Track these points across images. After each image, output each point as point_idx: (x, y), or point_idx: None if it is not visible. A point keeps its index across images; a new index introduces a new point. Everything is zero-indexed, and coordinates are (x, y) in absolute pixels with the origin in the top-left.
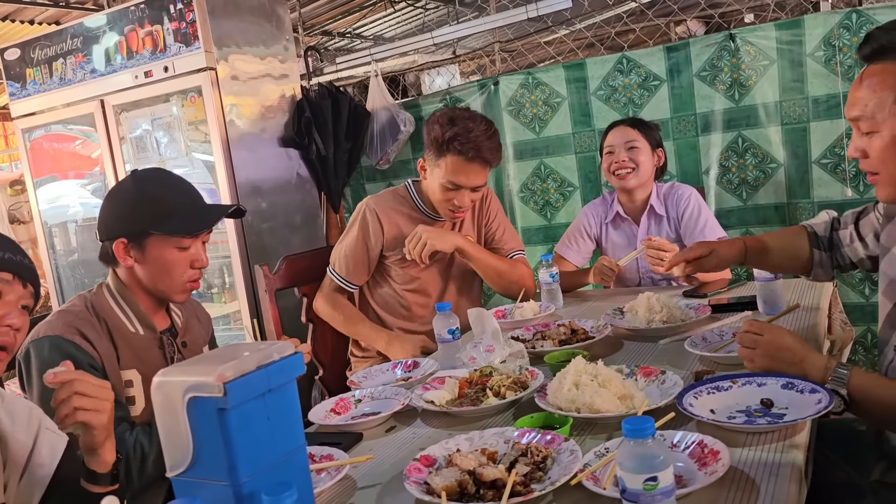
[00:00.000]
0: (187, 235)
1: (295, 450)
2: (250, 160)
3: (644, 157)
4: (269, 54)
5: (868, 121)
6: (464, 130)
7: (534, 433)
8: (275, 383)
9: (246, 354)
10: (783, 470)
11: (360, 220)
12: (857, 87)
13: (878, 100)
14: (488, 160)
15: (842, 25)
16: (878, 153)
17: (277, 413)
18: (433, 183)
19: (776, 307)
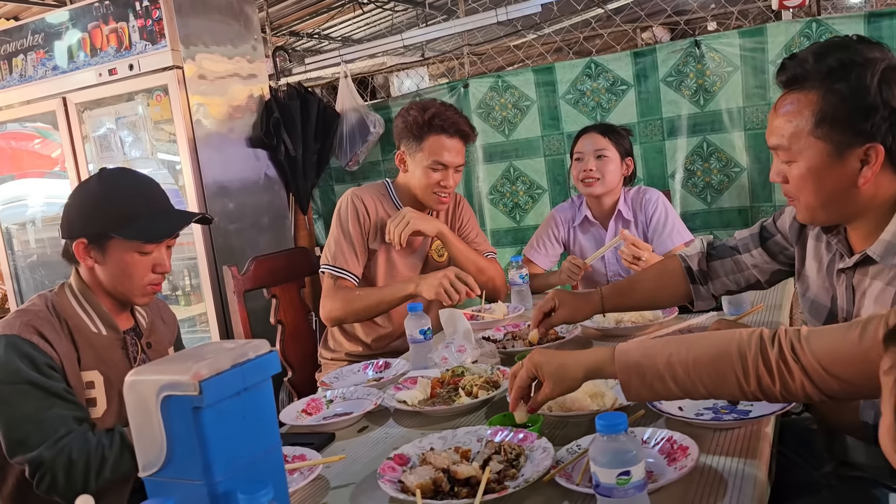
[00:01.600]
0: (148, 242)
1: (270, 448)
2: (217, 160)
3: (612, 167)
4: (237, 54)
5: (785, 151)
6: (440, 111)
7: (506, 431)
8: (250, 382)
9: (221, 353)
10: (749, 464)
11: (350, 207)
12: (773, 115)
13: (794, 129)
14: (467, 133)
15: (802, 34)
16: (795, 181)
17: (252, 411)
18: (416, 171)
19: (741, 307)
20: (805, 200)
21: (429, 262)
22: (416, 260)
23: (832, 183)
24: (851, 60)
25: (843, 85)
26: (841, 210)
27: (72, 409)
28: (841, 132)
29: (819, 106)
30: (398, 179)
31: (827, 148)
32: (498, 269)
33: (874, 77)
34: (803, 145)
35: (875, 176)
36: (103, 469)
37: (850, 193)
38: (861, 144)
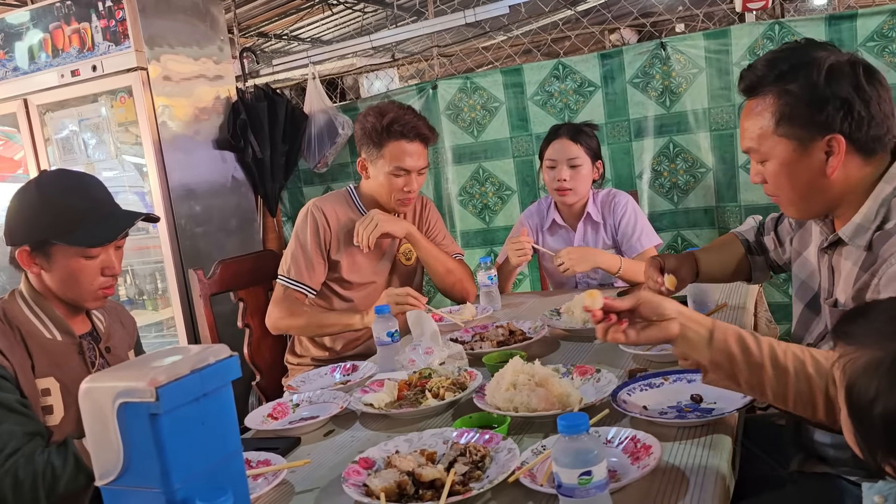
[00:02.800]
0: (92, 247)
1: (230, 454)
2: (183, 163)
3: (584, 173)
4: (202, 55)
5: (756, 152)
6: (398, 115)
7: (472, 433)
8: (209, 387)
9: (179, 358)
10: (711, 461)
11: (309, 219)
12: (743, 120)
13: (760, 131)
14: (427, 137)
15: (765, 36)
16: (771, 179)
17: (212, 417)
18: (378, 176)
19: (706, 306)
20: (785, 196)
21: (396, 265)
22: (385, 263)
23: (804, 176)
24: (799, 62)
25: (794, 85)
26: (820, 201)
27: (23, 422)
28: (800, 127)
29: (776, 107)
30: (361, 185)
31: (791, 144)
32: (466, 271)
33: (821, 74)
34: (770, 144)
35: (842, 164)
36: (55, 487)
37: (823, 184)
38: (822, 136)
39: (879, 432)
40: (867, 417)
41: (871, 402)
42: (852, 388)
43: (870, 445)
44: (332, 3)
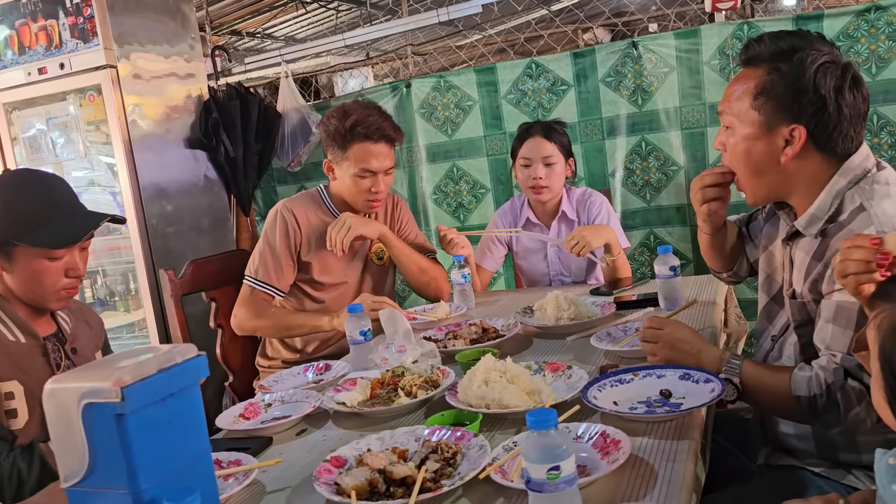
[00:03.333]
0: (56, 248)
1: (199, 454)
2: (154, 162)
3: (559, 170)
4: (173, 53)
5: (728, 116)
6: (362, 116)
7: (444, 430)
8: (176, 387)
9: (146, 358)
10: (680, 455)
11: (278, 220)
12: (730, 85)
13: (738, 96)
14: (393, 137)
15: (734, 36)
16: (731, 148)
17: (180, 417)
18: (344, 178)
19: (676, 303)
20: (740, 173)
21: (369, 265)
22: (356, 263)
23: (759, 155)
24: (800, 46)
25: (786, 65)
26: (768, 184)
27: None
28: (773, 107)
29: (762, 80)
30: (331, 185)
31: (759, 119)
32: (440, 270)
33: (813, 64)
34: (742, 110)
35: (798, 156)
36: (22, 491)
37: (775, 169)
38: (788, 123)
39: None
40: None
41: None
42: (886, 342)
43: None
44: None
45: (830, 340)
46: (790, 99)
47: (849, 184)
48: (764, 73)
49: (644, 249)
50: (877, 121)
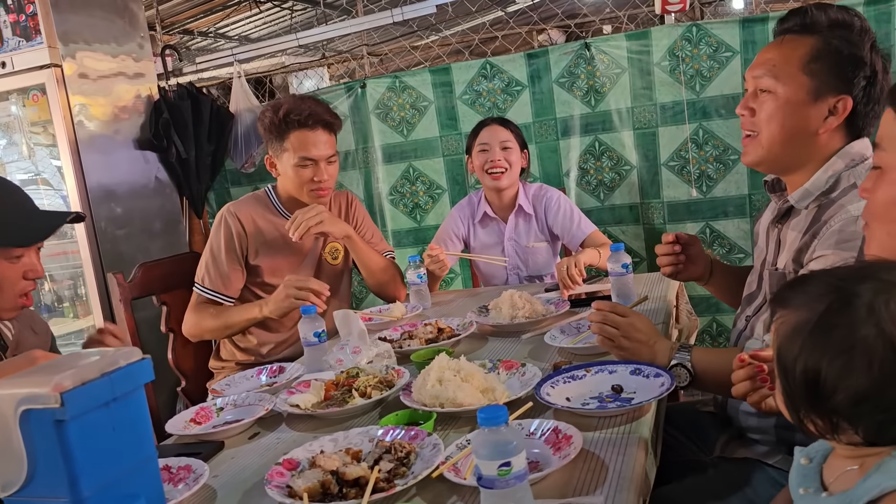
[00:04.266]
0: (19, 245)
1: (144, 460)
2: (102, 163)
3: (515, 158)
4: (121, 52)
5: (769, 78)
6: (295, 104)
7: (398, 430)
8: (120, 391)
9: (88, 362)
10: (630, 449)
11: (223, 226)
12: (767, 50)
13: (787, 59)
14: (330, 122)
15: (684, 37)
16: (767, 112)
17: (124, 422)
18: (286, 171)
19: (628, 299)
20: (768, 133)
21: (322, 265)
22: (308, 263)
23: (799, 121)
24: (852, 22)
25: (844, 33)
26: (792, 154)
27: None
28: (828, 73)
29: (818, 45)
30: (278, 184)
31: (810, 84)
32: (397, 270)
33: (869, 41)
34: (790, 75)
35: (833, 129)
36: None
37: (808, 139)
38: (838, 93)
39: (801, 389)
40: (791, 375)
41: (794, 360)
42: (781, 348)
43: (794, 403)
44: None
45: None
46: (847, 69)
47: (846, 167)
48: (819, 39)
49: None
50: None
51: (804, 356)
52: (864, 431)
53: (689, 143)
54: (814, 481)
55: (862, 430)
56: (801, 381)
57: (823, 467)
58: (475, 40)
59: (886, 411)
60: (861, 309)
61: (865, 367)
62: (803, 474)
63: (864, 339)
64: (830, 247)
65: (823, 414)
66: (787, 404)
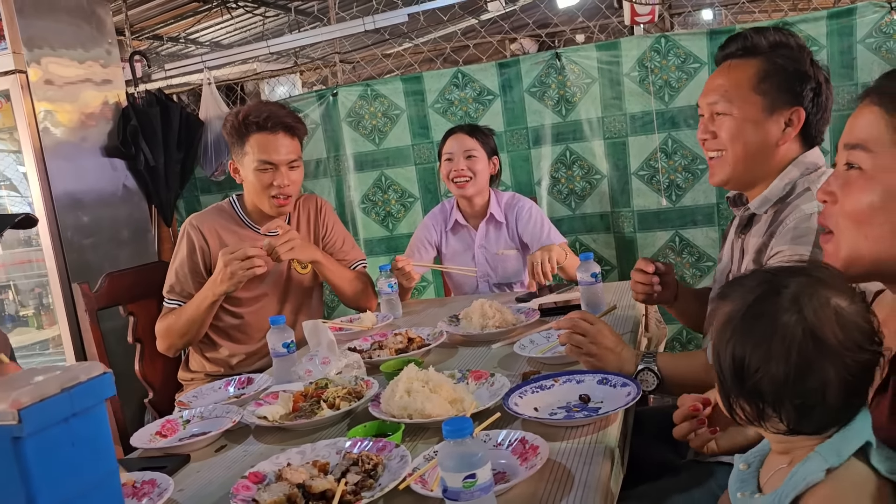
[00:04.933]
0: None
1: (105, 475)
2: (69, 171)
3: (481, 166)
4: (88, 58)
5: (724, 104)
6: (255, 107)
7: (366, 442)
8: (79, 406)
9: (47, 377)
10: (596, 458)
11: (185, 239)
12: (715, 77)
13: (737, 84)
14: (291, 126)
15: (653, 49)
16: (728, 132)
17: (83, 438)
18: (248, 176)
19: (598, 308)
20: (733, 150)
21: (291, 275)
22: (276, 274)
23: (760, 135)
24: (789, 41)
25: (786, 52)
26: (756, 168)
27: None
28: (778, 90)
29: (764, 66)
30: (244, 194)
31: (763, 103)
32: (368, 280)
33: (808, 56)
34: (744, 97)
35: (790, 140)
36: None
37: (768, 151)
38: (790, 106)
39: (730, 374)
40: (723, 361)
41: (724, 345)
42: (715, 337)
43: (725, 389)
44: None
45: None
46: (795, 83)
47: (800, 175)
48: (763, 61)
49: None
50: None
51: (732, 342)
52: (786, 417)
53: (659, 152)
54: (751, 485)
55: (784, 416)
56: (730, 365)
57: (760, 471)
58: (447, 49)
59: (805, 396)
60: (786, 298)
61: (784, 352)
62: (742, 479)
63: (784, 326)
64: (786, 242)
65: (749, 399)
66: (720, 391)
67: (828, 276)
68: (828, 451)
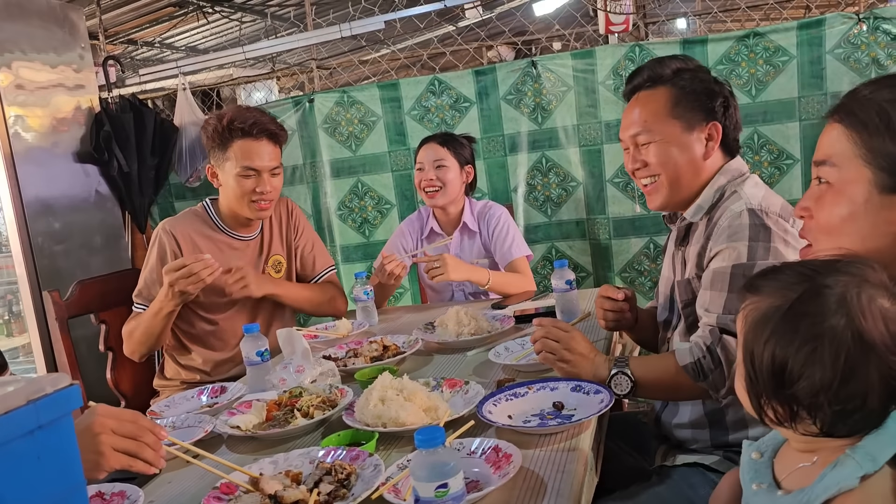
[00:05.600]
0: None
1: (72, 489)
2: (40, 176)
3: (451, 176)
4: (61, 62)
5: (646, 133)
6: (239, 113)
7: (339, 451)
8: (45, 419)
9: (11, 389)
10: (569, 466)
11: (157, 244)
12: (630, 111)
13: (653, 113)
14: (275, 133)
15: (627, 57)
16: (657, 158)
17: (50, 451)
18: (228, 181)
19: (573, 315)
20: (666, 175)
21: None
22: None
23: (687, 155)
24: (689, 65)
25: (689, 76)
26: (689, 184)
27: None
28: (692, 110)
29: (673, 92)
30: (219, 198)
31: (681, 125)
32: (333, 288)
33: (708, 74)
34: (662, 124)
35: (712, 154)
36: None
37: (697, 166)
38: (707, 122)
39: (766, 375)
40: (758, 361)
41: (763, 344)
42: (749, 333)
43: (756, 389)
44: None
45: (709, 303)
46: (706, 101)
47: (728, 182)
48: (670, 88)
49: (546, 263)
50: (757, 139)
51: (772, 343)
52: (821, 422)
53: None
54: (766, 476)
55: (819, 420)
56: (768, 367)
57: (774, 462)
58: (424, 56)
59: (845, 403)
60: (832, 300)
61: (832, 357)
62: (755, 469)
63: (832, 330)
64: (723, 241)
65: (784, 401)
66: (749, 390)
67: (870, 275)
68: (863, 457)
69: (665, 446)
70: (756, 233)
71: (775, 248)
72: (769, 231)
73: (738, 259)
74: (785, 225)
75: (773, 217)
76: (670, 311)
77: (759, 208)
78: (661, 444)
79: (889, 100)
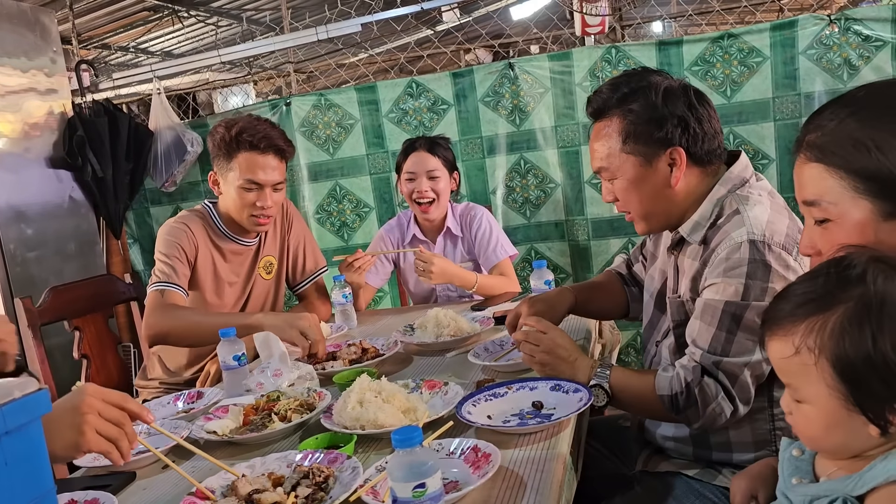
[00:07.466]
0: None
1: (41, 496)
2: (11, 182)
3: (443, 185)
4: (32, 66)
5: (606, 170)
6: (249, 125)
7: (317, 454)
8: (13, 424)
9: None
10: (549, 465)
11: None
12: (591, 142)
13: (608, 151)
14: (282, 149)
15: (604, 59)
16: (621, 195)
17: (18, 457)
18: (229, 191)
19: None
20: (635, 210)
21: (256, 281)
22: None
23: (651, 188)
24: (638, 86)
25: (636, 105)
26: (666, 212)
27: None
28: (644, 144)
29: (621, 126)
30: (219, 202)
31: (637, 160)
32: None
33: (658, 95)
34: (618, 162)
35: (683, 176)
36: None
37: (668, 194)
38: (664, 150)
39: (884, 376)
40: (868, 367)
41: (872, 345)
42: (841, 349)
43: (873, 400)
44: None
45: (696, 335)
46: (656, 130)
47: (728, 192)
48: (620, 119)
49: (526, 265)
50: (733, 139)
51: (881, 336)
52: None
53: None
54: (807, 473)
55: None
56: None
57: (815, 460)
58: (401, 59)
59: None
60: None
61: None
62: (795, 465)
63: None
64: (719, 275)
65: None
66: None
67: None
68: None
69: (648, 451)
70: (755, 270)
71: (773, 288)
72: (769, 269)
73: (733, 296)
74: (787, 259)
75: (775, 251)
76: (660, 310)
77: (762, 239)
78: (644, 449)
79: (858, 130)
